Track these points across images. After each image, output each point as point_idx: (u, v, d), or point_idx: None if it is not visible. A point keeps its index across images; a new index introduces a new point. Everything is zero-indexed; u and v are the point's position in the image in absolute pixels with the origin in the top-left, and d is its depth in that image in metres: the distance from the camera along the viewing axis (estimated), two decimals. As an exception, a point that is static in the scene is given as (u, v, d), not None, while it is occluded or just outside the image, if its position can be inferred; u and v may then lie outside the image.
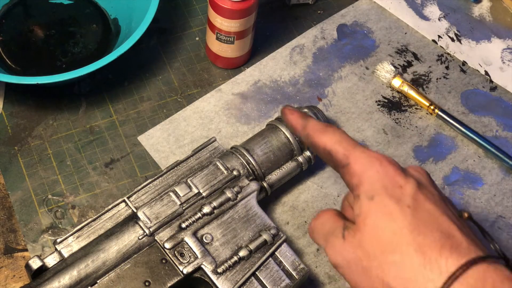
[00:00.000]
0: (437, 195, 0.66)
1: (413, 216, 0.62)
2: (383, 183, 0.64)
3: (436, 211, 0.63)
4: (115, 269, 0.77)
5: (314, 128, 0.70)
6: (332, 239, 0.67)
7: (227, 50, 0.98)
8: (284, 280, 0.80)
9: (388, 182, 0.64)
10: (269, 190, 0.87)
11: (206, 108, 0.98)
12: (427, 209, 0.63)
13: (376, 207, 0.64)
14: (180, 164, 0.85)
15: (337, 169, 0.68)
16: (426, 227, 0.62)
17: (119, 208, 0.81)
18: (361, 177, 0.65)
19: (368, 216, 0.64)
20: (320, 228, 0.69)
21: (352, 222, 0.66)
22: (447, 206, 0.65)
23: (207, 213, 0.81)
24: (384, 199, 0.63)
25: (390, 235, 0.62)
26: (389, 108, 1.00)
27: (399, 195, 0.64)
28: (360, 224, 0.64)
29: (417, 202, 0.63)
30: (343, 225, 0.67)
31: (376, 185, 0.64)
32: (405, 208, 0.63)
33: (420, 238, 0.61)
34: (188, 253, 0.79)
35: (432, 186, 0.67)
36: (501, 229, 0.92)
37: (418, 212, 0.63)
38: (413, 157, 0.96)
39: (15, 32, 1.02)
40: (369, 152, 0.66)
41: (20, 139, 0.93)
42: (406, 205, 0.63)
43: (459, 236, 0.62)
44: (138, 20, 0.94)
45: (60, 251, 0.78)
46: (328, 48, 1.04)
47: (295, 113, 0.73)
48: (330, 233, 0.67)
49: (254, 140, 0.88)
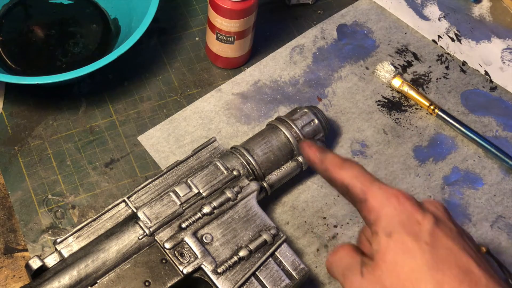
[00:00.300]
0: (454, 230, 0.66)
1: (431, 253, 0.63)
2: (401, 220, 0.65)
3: (454, 246, 0.64)
4: (115, 269, 0.77)
5: (332, 162, 0.70)
6: (350, 275, 0.67)
7: (227, 50, 0.98)
8: (284, 280, 0.80)
9: (406, 219, 0.65)
10: (269, 190, 0.87)
11: (206, 108, 0.98)
12: (445, 245, 0.64)
13: (395, 244, 0.64)
14: (180, 164, 0.85)
15: (354, 204, 0.68)
16: (444, 263, 0.62)
17: (119, 208, 0.81)
18: (378, 213, 0.66)
19: (387, 253, 0.64)
20: (338, 263, 0.69)
21: (370, 258, 0.66)
22: (465, 241, 0.65)
23: (207, 213, 0.81)
24: (403, 236, 0.64)
25: (409, 272, 0.63)
26: (389, 108, 1.00)
27: (417, 231, 0.64)
28: (379, 261, 0.64)
29: (435, 239, 0.64)
30: (360, 261, 0.67)
31: (394, 221, 0.65)
32: (423, 245, 0.63)
33: (439, 275, 0.62)
34: (188, 253, 0.79)
35: (450, 220, 0.67)
36: (501, 229, 0.92)
37: (436, 249, 0.63)
38: (413, 157, 0.96)
39: (15, 32, 1.02)
40: (386, 188, 0.67)
41: (20, 139, 0.93)
42: (424, 241, 0.63)
43: (477, 272, 0.62)
44: (138, 20, 0.94)
45: (60, 251, 0.78)
46: (328, 48, 1.04)
47: (313, 147, 0.73)
48: (348, 269, 0.67)
49: (254, 140, 0.88)
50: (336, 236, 0.90)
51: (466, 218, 0.92)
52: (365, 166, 0.94)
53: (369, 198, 0.66)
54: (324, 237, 0.90)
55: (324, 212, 0.91)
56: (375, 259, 0.65)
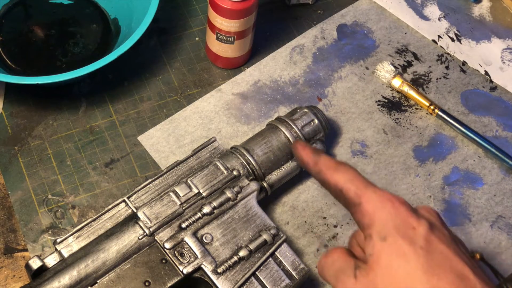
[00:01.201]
0: (448, 236, 0.66)
1: (426, 257, 0.63)
2: (395, 224, 0.65)
3: (449, 252, 0.64)
4: (115, 269, 0.77)
5: (326, 165, 0.70)
6: (343, 278, 0.67)
7: (227, 50, 0.98)
8: (284, 280, 0.80)
9: (401, 223, 0.65)
10: (269, 190, 0.87)
11: (206, 108, 0.98)
12: (440, 250, 0.64)
13: (389, 247, 0.64)
14: (180, 164, 0.85)
15: (348, 207, 0.68)
16: (440, 268, 0.62)
17: (119, 208, 0.81)
18: (373, 217, 0.65)
19: (381, 257, 0.64)
20: (330, 266, 0.69)
21: (363, 261, 0.66)
22: (459, 247, 0.66)
23: (207, 213, 0.81)
24: (398, 240, 0.64)
25: (404, 275, 0.63)
26: (389, 108, 1.00)
27: (412, 236, 0.64)
28: (373, 264, 0.64)
29: (430, 244, 0.64)
30: (354, 264, 0.67)
31: (389, 225, 0.65)
32: (418, 249, 0.63)
33: (434, 280, 0.62)
34: (188, 253, 0.79)
35: (444, 227, 0.67)
36: (501, 229, 0.92)
37: (431, 254, 0.63)
38: (413, 157, 0.96)
39: (15, 32, 1.02)
40: (381, 192, 0.67)
41: (20, 139, 0.94)
42: (419, 246, 0.63)
43: (472, 278, 0.62)
44: (138, 20, 0.95)
45: (60, 251, 0.78)
46: (328, 48, 1.04)
47: (306, 149, 0.73)
48: (341, 271, 0.67)
49: (254, 140, 0.88)
50: (336, 236, 0.90)
51: (466, 218, 0.92)
52: (365, 166, 0.95)
53: (364, 202, 0.66)
54: (324, 237, 0.90)
55: (324, 212, 0.91)
56: (369, 262, 0.65)
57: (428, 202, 0.92)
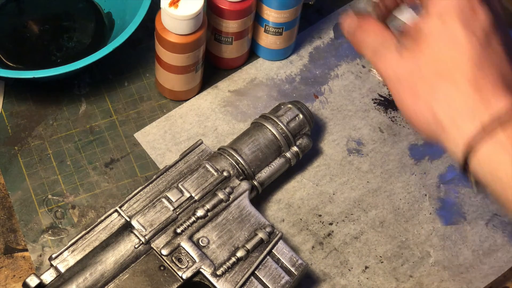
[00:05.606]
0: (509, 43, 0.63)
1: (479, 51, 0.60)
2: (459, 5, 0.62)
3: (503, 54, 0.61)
4: (114, 280, 0.77)
5: None
6: (384, 52, 0.65)
7: (226, 50, 0.98)
8: (284, 277, 0.80)
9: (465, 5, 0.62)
10: (260, 188, 0.88)
11: (203, 105, 0.98)
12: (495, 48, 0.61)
13: (444, 29, 0.61)
14: (169, 169, 0.85)
15: None
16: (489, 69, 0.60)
17: (112, 219, 0.81)
18: None
19: (433, 36, 0.62)
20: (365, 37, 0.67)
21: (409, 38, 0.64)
22: None
23: (201, 216, 0.81)
24: (455, 23, 0.61)
25: (449, 61, 0.61)
26: (385, 106, 1.00)
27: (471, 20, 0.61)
28: (422, 43, 0.62)
29: (486, 38, 0.61)
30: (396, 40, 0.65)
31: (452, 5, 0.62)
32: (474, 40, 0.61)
33: (479, 73, 0.60)
34: (185, 258, 0.79)
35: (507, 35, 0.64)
36: (496, 227, 0.92)
37: (485, 48, 0.61)
38: (409, 156, 0.97)
39: (9, 28, 1.02)
40: None
41: (20, 139, 0.94)
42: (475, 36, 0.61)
43: None
44: (132, 14, 0.94)
45: (56, 267, 0.77)
46: (324, 47, 1.05)
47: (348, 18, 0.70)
48: (382, 45, 0.65)
49: (241, 140, 0.89)
50: (332, 234, 0.90)
51: (461, 217, 0.93)
52: (361, 164, 0.95)
53: None
54: (319, 234, 0.90)
55: (320, 209, 0.92)
56: (417, 40, 0.63)
57: (424, 200, 0.93)
